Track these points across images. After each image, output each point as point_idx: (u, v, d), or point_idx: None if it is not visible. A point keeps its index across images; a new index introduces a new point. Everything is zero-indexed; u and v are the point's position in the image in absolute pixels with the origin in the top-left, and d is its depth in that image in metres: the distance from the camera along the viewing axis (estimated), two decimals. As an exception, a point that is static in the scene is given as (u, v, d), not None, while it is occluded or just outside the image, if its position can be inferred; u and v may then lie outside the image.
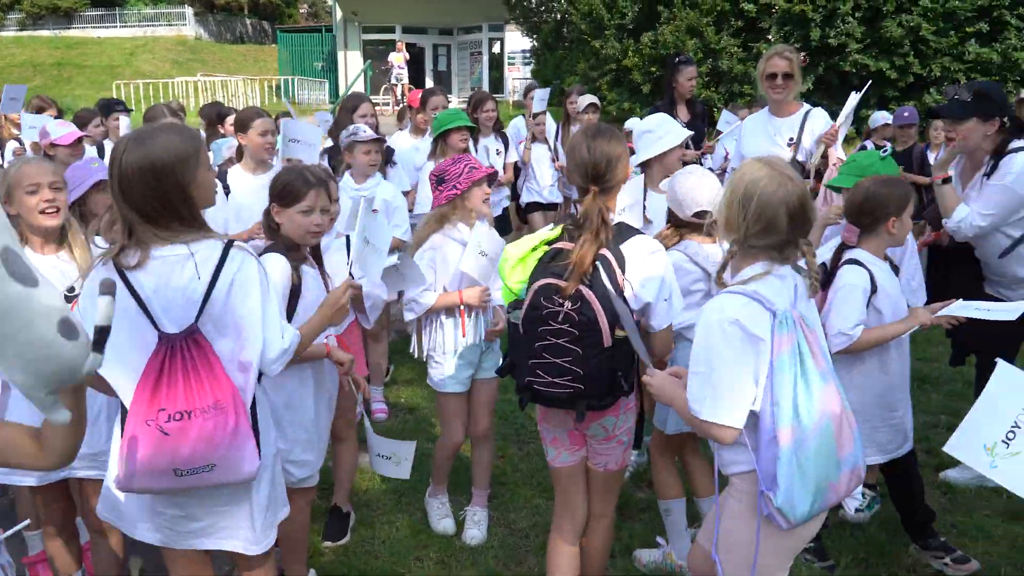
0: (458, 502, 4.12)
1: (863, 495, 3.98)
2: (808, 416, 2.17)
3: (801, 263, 2.38)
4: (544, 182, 7.41)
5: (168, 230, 2.32)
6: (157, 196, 2.28)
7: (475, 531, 3.89)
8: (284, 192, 3.09)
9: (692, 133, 4.34)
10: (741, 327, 2.20)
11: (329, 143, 6.19)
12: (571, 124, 7.88)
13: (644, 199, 3.86)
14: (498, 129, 7.12)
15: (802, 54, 5.08)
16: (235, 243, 2.40)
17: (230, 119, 6.12)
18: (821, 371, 2.24)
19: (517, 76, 26.09)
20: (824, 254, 3.37)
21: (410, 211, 5.45)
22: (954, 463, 4.47)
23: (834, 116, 4.67)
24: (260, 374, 2.46)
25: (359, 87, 25.20)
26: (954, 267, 4.29)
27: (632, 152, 8.61)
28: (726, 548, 2.39)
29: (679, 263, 3.28)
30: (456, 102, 23.78)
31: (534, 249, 2.70)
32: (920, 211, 8.42)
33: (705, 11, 16.55)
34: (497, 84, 27.59)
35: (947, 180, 3.94)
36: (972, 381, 5.41)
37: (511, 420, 5.11)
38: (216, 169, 4.51)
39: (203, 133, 6.32)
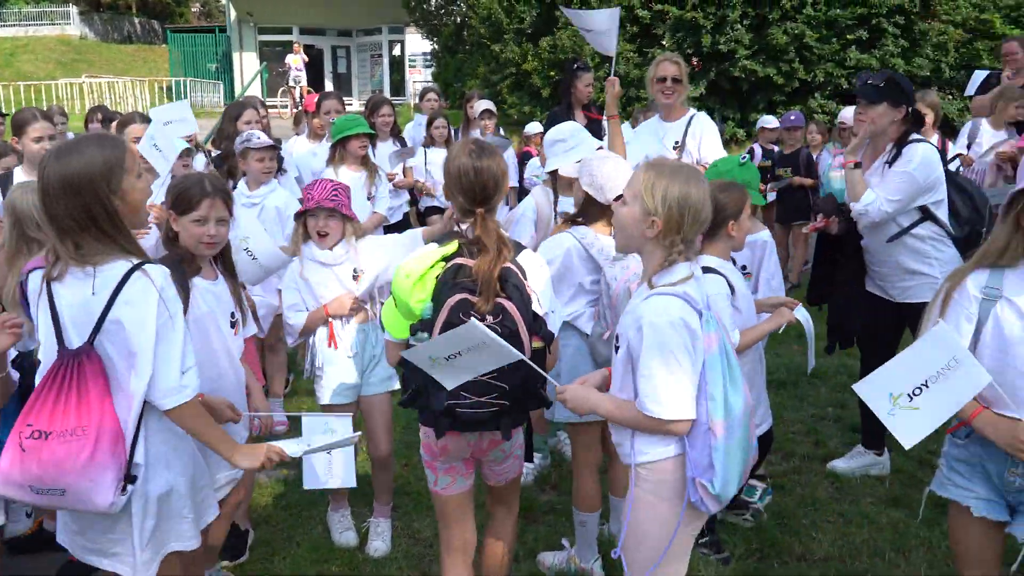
0: (361, 514, 4.06)
1: (756, 488, 4.12)
2: (735, 407, 2.30)
3: None
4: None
5: (83, 249, 2.29)
6: (80, 210, 2.27)
7: (378, 543, 3.85)
8: (179, 200, 2.97)
9: (603, 144, 4.44)
10: (686, 326, 2.27)
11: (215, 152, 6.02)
12: (471, 128, 7.92)
13: (556, 205, 3.91)
14: (396, 133, 7.09)
15: (695, 59, 5.22)
16: (144, 267, 2.33)
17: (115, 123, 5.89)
18: (739, 365, 2.38)
19: (418, 79, 25.94)
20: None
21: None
22: (840, 453, 4.68)
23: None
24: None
25: (255, 89, 24.59)
26: (840, 261, 4.46)
27: (528, 156, 8.68)
28: (636, 540, 2.43)
29: (571, 250, 3.34)
30: (356, 105, 23.55)
31: (431, 267, 2.60)
32: (807, 211, 8.82)
33: (602, 17, 16.84)
34: (398, 87, 27.40)
35: (857, 165, 4.08)
36: (857, 375, 5.68)
37: (414, 428, 5.06)
38: None
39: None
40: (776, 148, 9.17)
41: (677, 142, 4.74)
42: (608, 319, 3.23)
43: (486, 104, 7.84)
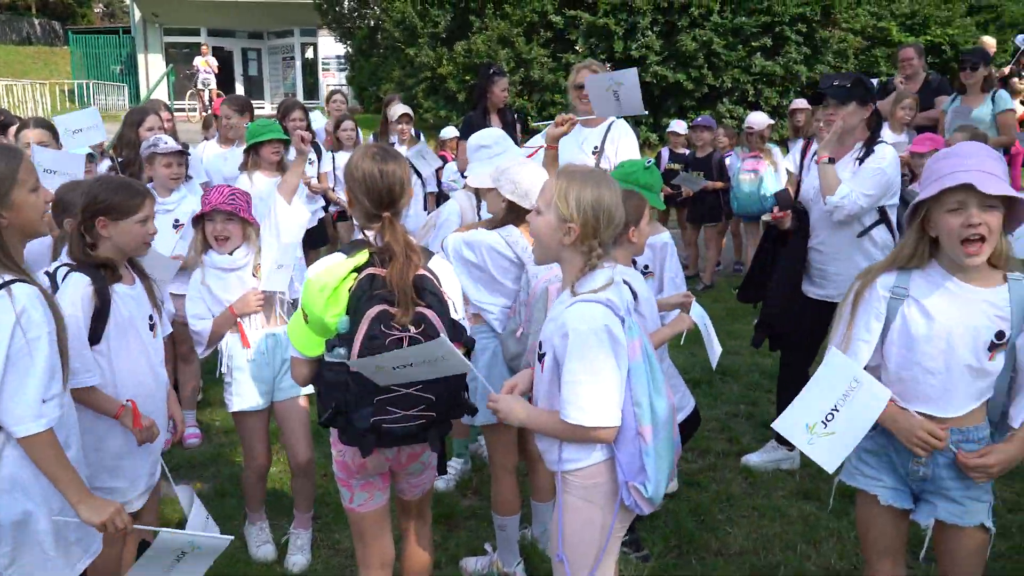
0: (280, 526, 3.97)
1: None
2: (660, 410, 2.35)
3: None
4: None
5: None
6: None
7: (298, 556, 3.76)
8: (114, 206, 2.89)
9: (526, 151, 4.44)
10: (610, 333, 2.28)
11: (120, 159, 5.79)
12: (389, 132, 7.85)
13: (478, 208, 3.91)
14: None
15: (607, 65, 5.29)
16: (10, 286, 2.22)
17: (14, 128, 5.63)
18: (661, 368, 2.42)
19: (332, 83, 25.58)
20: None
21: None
22: (753, 448, 4.81)
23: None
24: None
25: (162, 92, 23.87)
26: (780, 260, 4.58)
27: (445, 160, 8.65)
28: (572, 545, 2.44)
29: (494, 246, 3.35)
30: (269, 108, 23.08)
31: (344, 279, 2.52)
32: (719, 213, 9.06)
33: (515, 22, 16.97)
34: (312, 90, 26.97)
35: (831, 161, 4.17)
36: (769, 372, 5.85)
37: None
38: None
39: None
40: (688, 152, 9.40)
41: (596, 147, 4.79)
42: (522, 315, 3.24)
43: (403, 108, 7.79)
